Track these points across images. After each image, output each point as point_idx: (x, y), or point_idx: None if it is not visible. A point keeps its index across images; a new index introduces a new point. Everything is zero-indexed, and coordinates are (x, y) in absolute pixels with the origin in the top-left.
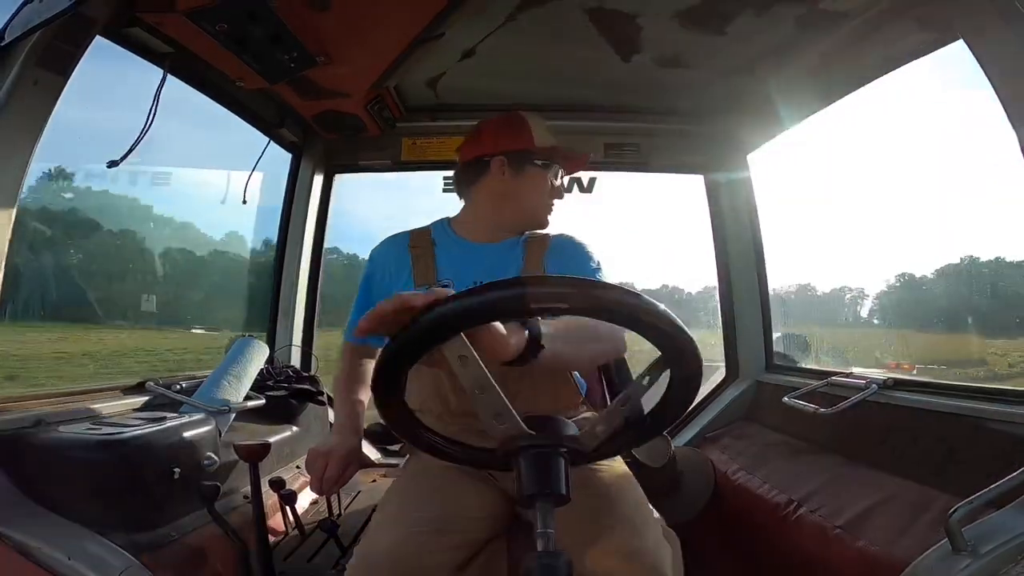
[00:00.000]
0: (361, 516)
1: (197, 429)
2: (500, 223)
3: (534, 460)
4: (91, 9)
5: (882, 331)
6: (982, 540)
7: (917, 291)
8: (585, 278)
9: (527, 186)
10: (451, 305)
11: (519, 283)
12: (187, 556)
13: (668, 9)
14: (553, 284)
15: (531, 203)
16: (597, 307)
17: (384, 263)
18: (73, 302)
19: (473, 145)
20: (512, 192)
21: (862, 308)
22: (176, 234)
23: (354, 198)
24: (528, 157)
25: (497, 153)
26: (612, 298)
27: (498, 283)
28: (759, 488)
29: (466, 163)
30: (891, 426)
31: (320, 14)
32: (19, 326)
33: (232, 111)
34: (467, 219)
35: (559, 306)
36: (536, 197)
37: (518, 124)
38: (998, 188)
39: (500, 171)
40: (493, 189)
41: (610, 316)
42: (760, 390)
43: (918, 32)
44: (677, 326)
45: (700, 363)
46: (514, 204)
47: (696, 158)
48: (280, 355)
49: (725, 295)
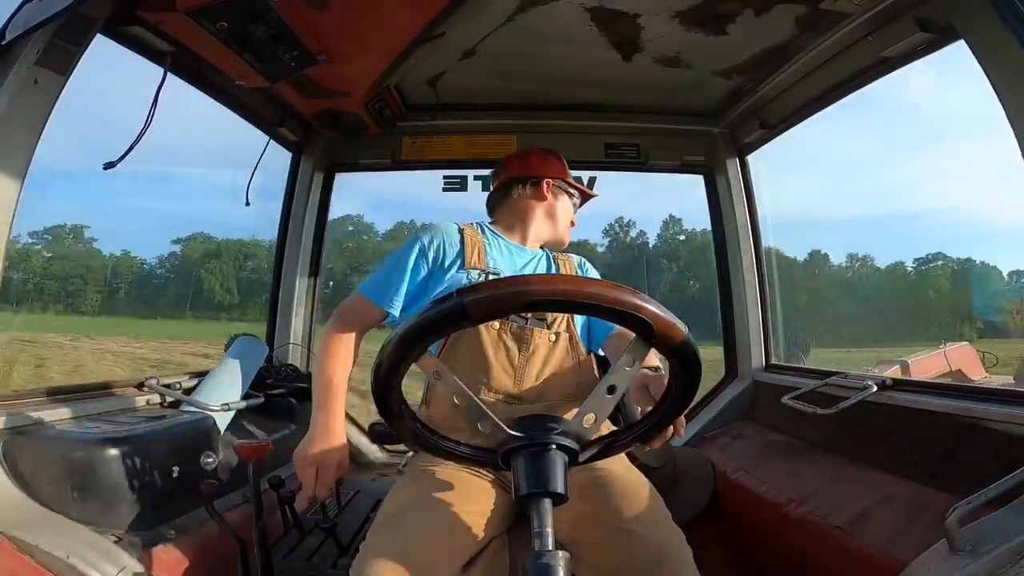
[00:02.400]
0: (360, 515)
1: (196, 428)
2: (536, 235)
3: (530, 459)
4: (91, 8)
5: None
6: (980, 540)
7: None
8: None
9: (563, 208)
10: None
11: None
12: (186, 554)
13: (668, 9)
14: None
15: (563, 223)
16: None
17: (435, 243)
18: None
19: (523, 165)
20: (553, 211)
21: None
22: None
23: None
24: (566, 186)
25: (547, 176)
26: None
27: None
28: (758, 488)
29: (516, 178)
30: (890, 426)
31: (321, 13)
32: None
33: (232, 110)
34: (507, 223)
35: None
36: (567, 218)
37: (556, 157)
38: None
39: (549, 191)
40: (540, 205)
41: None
42: (759, 390)
43: (918, 32)
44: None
45: (683, 336)
46: (552, 220)
47: (696, 158)
48: (279, 354)
49: (724, 295)
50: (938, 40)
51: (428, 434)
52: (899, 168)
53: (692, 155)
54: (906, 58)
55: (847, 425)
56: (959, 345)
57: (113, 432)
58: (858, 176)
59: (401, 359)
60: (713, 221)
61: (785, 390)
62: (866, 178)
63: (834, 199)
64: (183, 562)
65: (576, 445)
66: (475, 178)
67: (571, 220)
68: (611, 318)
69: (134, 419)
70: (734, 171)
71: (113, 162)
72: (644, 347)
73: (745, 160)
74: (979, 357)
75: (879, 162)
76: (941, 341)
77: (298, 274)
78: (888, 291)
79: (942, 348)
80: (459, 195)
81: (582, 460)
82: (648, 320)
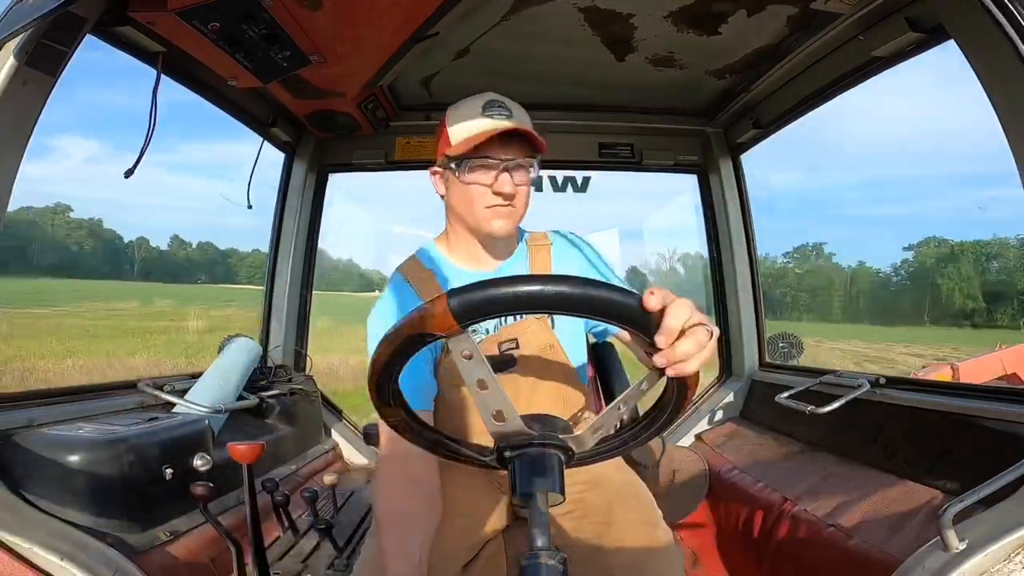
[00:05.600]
0: (355, 516)
1: (190, 429)
2: (464, 245)
3: (529, 458)
4: (82, 7)
5: None
6: (974, 538)
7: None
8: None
9: (455, 197)
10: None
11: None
12: (180, 557)
13: (662, 9)
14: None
15: (470, 215)
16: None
17: (391, 313)
18: None
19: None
20: (450, 207)
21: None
22: None
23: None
24: (446, 163)
25: (435, 166)
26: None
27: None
28: (753, 487)
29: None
30: (883, 424)
31: (313, 13)
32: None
33: (224, 110)
34: (452, 241)
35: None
36: (465, 205)
37: (439, 129)
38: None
39: (439, 181)
40: (446, 206)
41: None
42: (753, 389)
43: (908, 32)
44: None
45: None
46: (458, 221)
47: (689, 157)
48: (273, 355)
49: (719, 294)
50: (928, 40)
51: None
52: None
53: (686, 155)
54: (896, 58)
55: (841, 424)
56: (1014, 347)
57: (106, 434)
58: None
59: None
60: (707, 220)
61: (779, 389)
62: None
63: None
64: (177, 564)
65: (580, 448)
66: None
67: (503, 191)
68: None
69: (127, 420)
70: (727, 170)
71: (131, 169)
72: (661, 373)
73: (738, 159)
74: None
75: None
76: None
77: (292, 275)
78: None
79: (997, 350)
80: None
81: (580, 461)
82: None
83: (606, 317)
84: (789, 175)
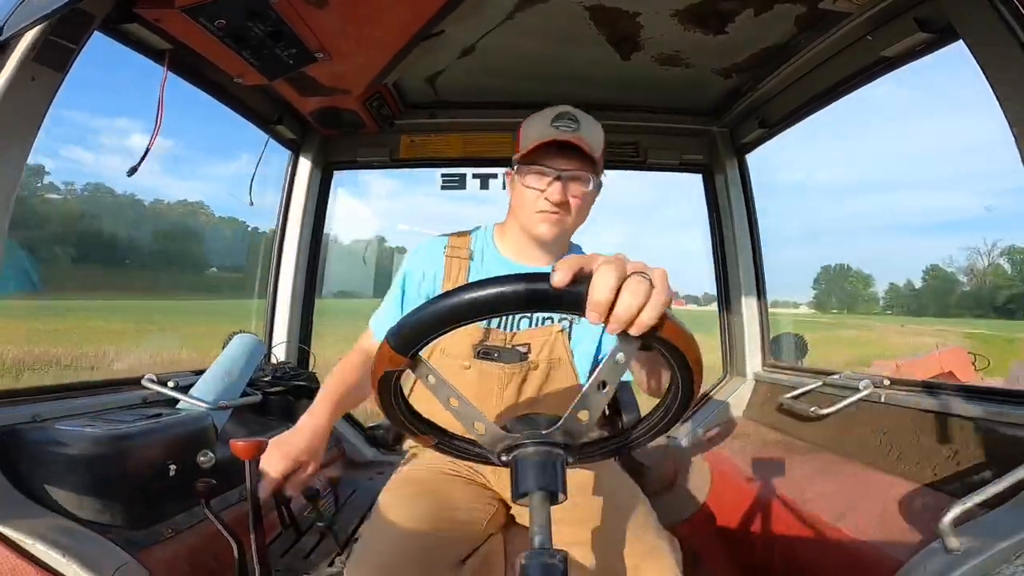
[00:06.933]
0: (357, 513)
1: (193, 426)
2: (517, 243)
3: (528, 458)
4: (90, 4)
5: None
6: (975, 540)
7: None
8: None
9: (516, 198)
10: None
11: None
12: (183, 553)
13: (668, 7)
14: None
15: (522, 215)
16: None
17: (419, 265)
18: None
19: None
20: (511, 204)
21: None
22: None
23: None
24: (512, 165)
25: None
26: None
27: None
28: (755, 487)
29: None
30: (887, 426)
31: (319, 10)
32: None
33: (230, 107)
34: (507, 233)
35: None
36: (520, 208)
37: (517, 131)
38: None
39: (509, 183)
40: (509, 202)
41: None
42: (757, 389)
43: (917, 32)
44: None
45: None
46: (514, 218)
47: (695, 157)
48: (277, 352)
49: (723, 294)
50: (937, 40)
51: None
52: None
53: (691, 154)
54: (905, 58)
55: (844, 425)
56: (951, 349)
57: (109, 430)
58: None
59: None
60: (711, 220)
61: (783, 389)
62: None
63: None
64: (179, 560)
65: (576, 444)
66: (473, 176)
67: (552, 199)
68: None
69: (131, 416)
70: (733, 170)
71: (135, 167)
72: (639, 340)
73: (744, 159)
74: (971, 360)
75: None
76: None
77: (296, 272)
78: None
79: (935, 351)
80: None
81: (581, 460)
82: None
83: (532, 306)
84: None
